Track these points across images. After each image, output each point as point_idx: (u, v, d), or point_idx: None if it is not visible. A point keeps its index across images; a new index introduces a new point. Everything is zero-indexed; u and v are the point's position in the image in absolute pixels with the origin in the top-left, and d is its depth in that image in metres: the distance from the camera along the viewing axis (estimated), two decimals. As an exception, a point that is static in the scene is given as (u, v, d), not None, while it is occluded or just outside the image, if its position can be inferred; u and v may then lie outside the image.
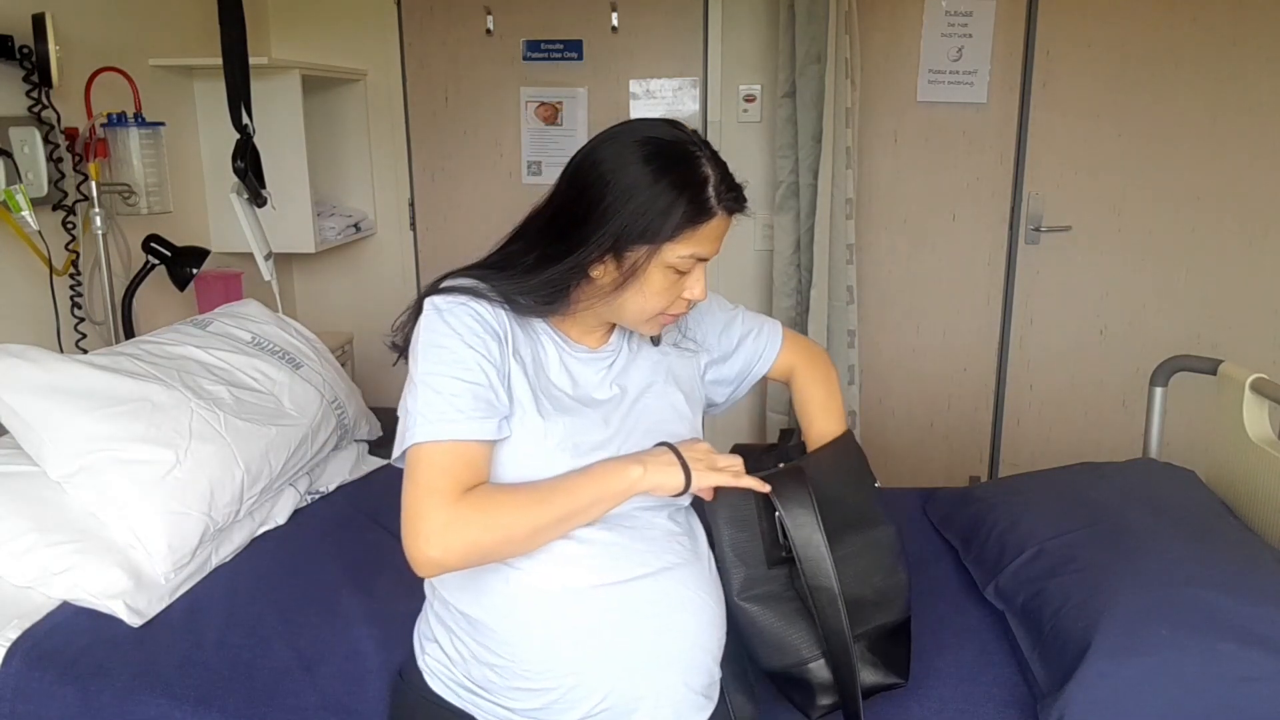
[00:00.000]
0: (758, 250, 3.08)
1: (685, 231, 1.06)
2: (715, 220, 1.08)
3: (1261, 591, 1.31)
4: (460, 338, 1.06)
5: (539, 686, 1.09)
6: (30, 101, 1.96)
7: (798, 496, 1.16)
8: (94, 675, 1.35)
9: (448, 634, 1.16)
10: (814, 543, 1.15)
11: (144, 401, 1.59)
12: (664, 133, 1.09)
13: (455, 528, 1.01)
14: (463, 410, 1.04)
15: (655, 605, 1.11)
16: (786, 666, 1.21)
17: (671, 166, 1.06)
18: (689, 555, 1.17)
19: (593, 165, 1.08)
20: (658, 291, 1.10)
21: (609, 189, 1.05)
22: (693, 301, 1.14)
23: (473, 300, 1.09)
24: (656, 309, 1.12)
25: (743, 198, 1.10)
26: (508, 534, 1.04)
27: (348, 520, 1.81)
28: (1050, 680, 1.29)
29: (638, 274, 1.08)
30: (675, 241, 1.06)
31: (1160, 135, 2.91)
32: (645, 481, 1.08)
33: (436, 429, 1.03)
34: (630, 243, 1.06)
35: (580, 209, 1.07)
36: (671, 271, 1.09)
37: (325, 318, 3.17)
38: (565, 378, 1.16)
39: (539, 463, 1.09)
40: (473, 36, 3.02)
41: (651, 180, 1.05)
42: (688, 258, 1.08)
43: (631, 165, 1.05)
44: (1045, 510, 1.63)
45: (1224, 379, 1.78)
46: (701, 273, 1.12)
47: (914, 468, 3.20)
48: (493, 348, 1.08)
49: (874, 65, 2.90)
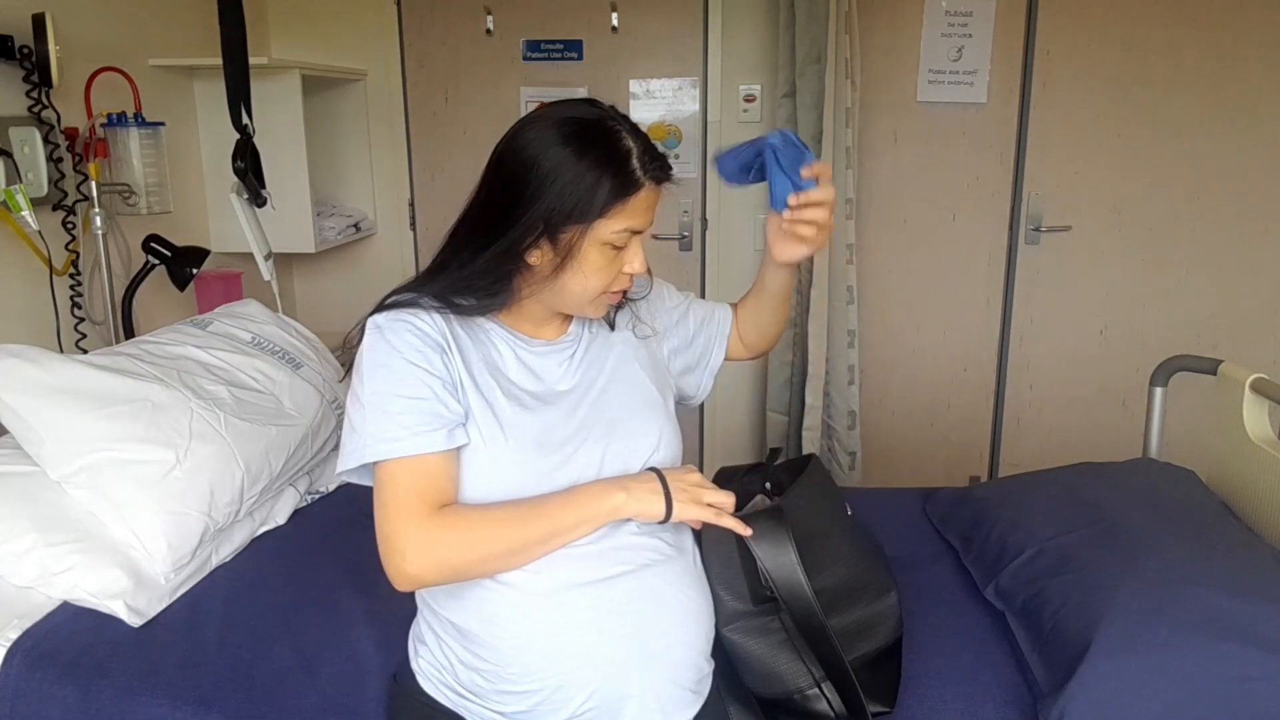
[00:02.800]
0: (758, 250, 3.07)
1: (615, 207, 1.06)
2: (643, 192, 1.08)
3: (1261, 591, 1.31)
4: (400, 355, 1.08)
5: (525, 689, 1.10)
6: (30, 101, 1.96)
7: (776, 538, 1.15)
8: (94, 675, 1.35)
9: (436, 640, 1.17)
10: (796, 583, 1.14)
11: (144, 401, 1.59)
12: (582, 112, 1.09)
13: (430, 546, 1.04)
14: (407, 427, 1.05)
15: (637, 603, 1.11)
16: (778, 696, 1.21)
17: (592, 144, 1.06)
18: (671, 551, 1.17)
19: (515, 153, 1.08)
20: (597, 270, 1.10)
21: (533, 173, 1.05)
22: (634, 275, 1.14)
23: (410, 314, 1.10)
24: (598, 288, 1.12)
25: (668, 166, 1.10)
26: (484, 553, 1.06)
27: (348, 520, 1.81)
28: (1050, 680, 1.29)
29: (574, 255, 1.08)
30: (606, 218, 1.06)
31: (1160, 135, 2.91)
32: (628, 508, 1.10)
33: (386, 448, 1.05)
34: (562, 224, 1.06)
35: (508, 197, 1.07)
36: (608, 248, 1.09)
37: (325, 318, 3.16)
38: (525, 374, 1.15)
39: (506, 465, 1.09)
40: (473, 36, 3.02)
41: (574, 159, 1.05)
42: (621, 232, 1.08)
43: (553, 147, 1.05)
44: (1045, 510, 1.63)
45: (1224, 379, 1.78)
46: (638, 246, 1.12)
47: (914, 468, 3.20)
48: (435, 360, 1.08)
49: (874, 65, 2.90)
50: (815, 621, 1.15)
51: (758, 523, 1.16)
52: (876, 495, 2.12)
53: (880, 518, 1.84)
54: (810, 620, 1.15)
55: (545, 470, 1.10)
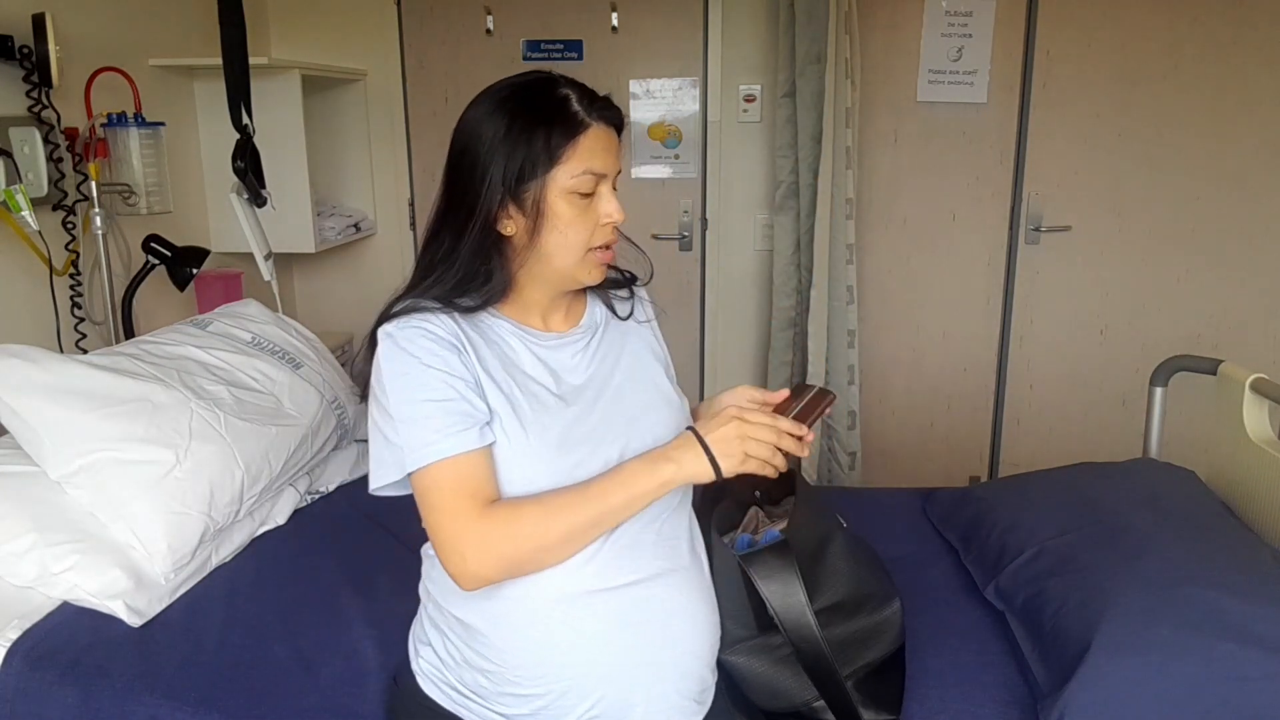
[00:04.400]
0: (758, 250, 3.08)
1: (564, 150, 1.07)
2: (592, 130, 1.08)
3: (1261, 591, 1.31)
4: (419, 360, 1.07)
5: (529, 693, 1.09)
6: (30, 101, 1.96)
7: (784, 578, 1.14)
8: (94, 675, 1.35)
9: (441, 638, 1.16)
10: (805, 624, 1.14)
11: (144, 401, 1.59)
12: (515, 78, 1.11)
13: (488, 542, 1.03)
14: (440, 430, 1.05)
15: (646, 612, 1.11)
16: (785, 710, 1.21)
17: (529, 98, 1.08)
18: (681, 561, 1.16)
19: (462, 131, 1.10)
20: (570, 222, 1.09)
21: (480, 143, 1.07)
22: (615, 223, 1.12)
23: (419, 319, 1.09)
24: (578, 243, 1.11)
25: (612, 106, 1.11)
26: (539, 543, 1.05)
27: (348, 520, 1.81)
28: (1050, 680, 1.29)
29: (543, 211, 1.08)
30: (561, 164, 1.07)
31: (1160, 135, 2.91)
32: (679, 478, 1.08)
33: (425, 453, 1.04)
34: (520, 183, 1.07)
35: (464, 174, 1.09)
36: (575, 197, 1.09)
37: (325, 318, 3.16)
38: (541, 370, 1.15)
39: (530, 463, 1.09)
40: (473, 36, 3.02)
41: (516, 116, 1.06)
42: (582, 176, 1.08)
43: (494, 114, 1.08)
44: (1045, 510, 1.64)
45: (1224, 379, 1.78)
46: (609, 191, 1.11)
47: (914, 468, 3.20)
48: (453, 361, 1.08)
49: (874, 65, 2.90)
50: (824, 664, 1.15)
51: (763, 561, 1.15)
52: (876, 495, 2.12)
53: (880, 518, 1.85)
54: (819, 663, 1.15)
55: (567, 468, 1.09)
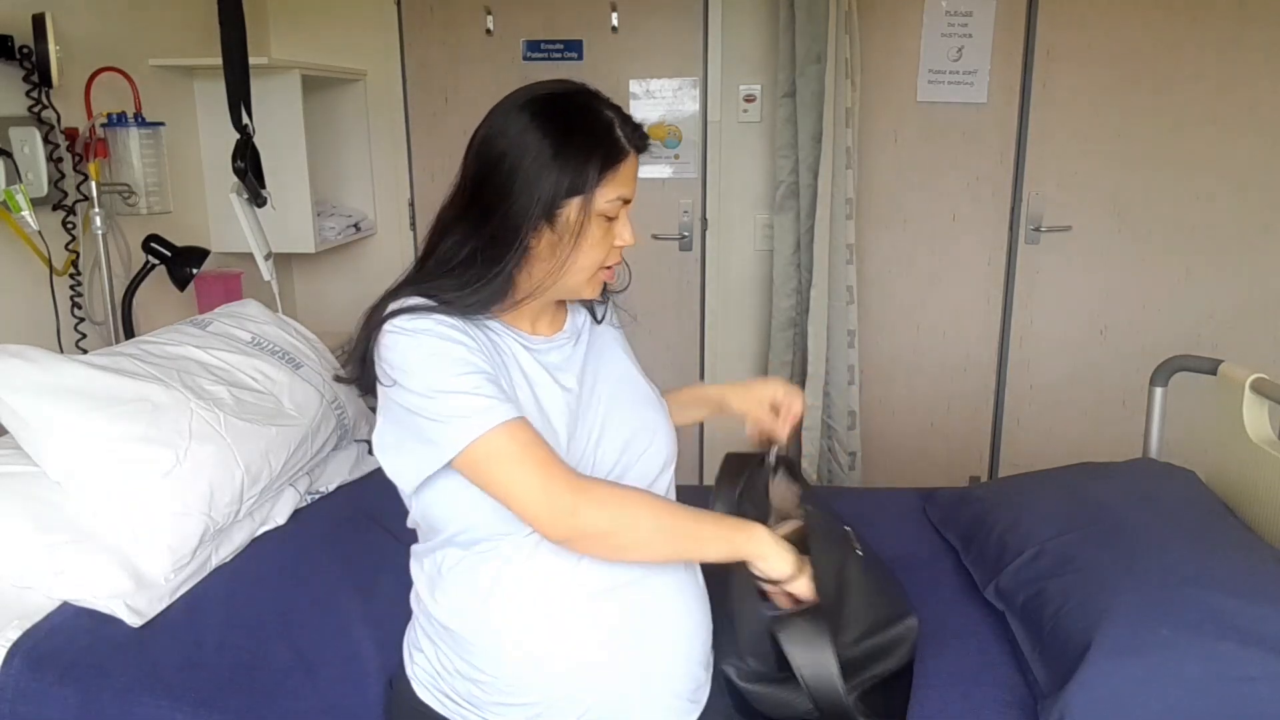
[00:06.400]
0: (758, 250, 3.08)
1: (607, 175, 1.08)
2: (629, 159, 1.11)
3: (1261, 591, 1.31)
4: (443, 339, 1.06)
5: (521, 701, 1.09)
6: (30, 101, 1.96)
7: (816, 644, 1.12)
8: (94, 676, 1.35)
9: (432, 646, 1.16)
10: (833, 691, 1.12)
11: (144, 401, 1.59)
12: (553, 87, 1.12)
13: (593, 494, 1.05)
14: (492, 395, 1.03)
15: (638, 616, 1.11)
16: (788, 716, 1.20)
17: (577, 118, 1.09)
18: (668, 564, 1.16)
19: (502, 137, 1.08)
20: (595, 243, 1.11)
21: (525, 154, 1.06)
22: (624, 247, 1.15)
23: (425, 315, 1.09)
24: (597, 262, 1.13)
25: (645, 135, 1.13)
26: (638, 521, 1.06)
27: (348, 520, 1.81)
28: (1050, 680, 1.29)
29: (574, 230, 1.09)
30: (602, 187, 1.08)
31: (1160, 135, 2.91)
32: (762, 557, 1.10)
33: (478, 421, 1.01)
34: (560, 202, 1.07)
35: (498, 183, 1.07)
36: (603, 220, 1.10)
37: (325, 318, 3.16)
38: (539, 371, 1.15)
39: None
40: (473, 36, 3.02)
41: (566, 135, 1.06)
42: (615, 201, 1.10)
43: (540, 127, 1.06)
44: (1045, 510, 1.63)
45: (1224, 379, 1.78)
46: (626, 216, 1.14)
47: (914, 468, 3.20)
48: (472, 344, 1.08)
49: (874, 65, 2.90)
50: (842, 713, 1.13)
51: (797, 628, 1.13)
52: (876, 495, 2.12)
53: (880, 518, 1.85)
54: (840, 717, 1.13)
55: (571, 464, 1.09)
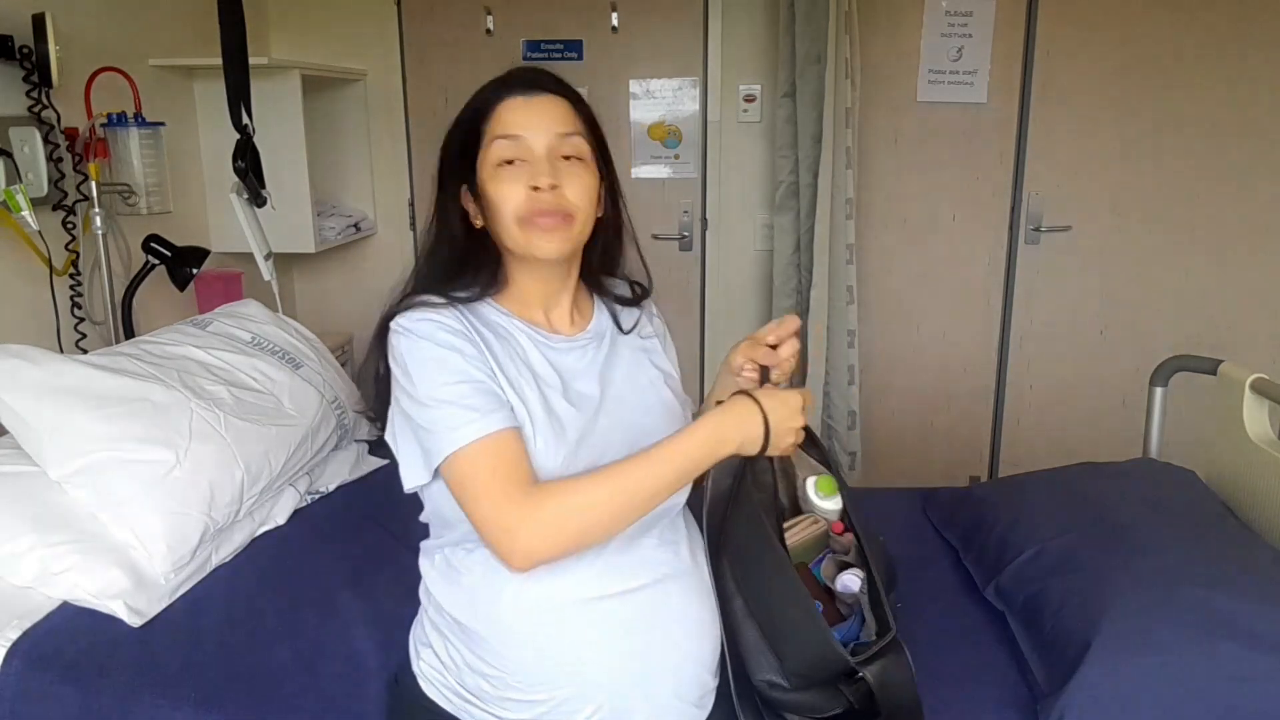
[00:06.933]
0: (758, 250, 3.08)
1: (483, 126, 1.13)
2: (506, 101, 1.13)
3: (1261, 591, 1.31)
4: (439, 345, 1.07)
5: (531, 698, 1.09)
6: (30, 101, 1.96)
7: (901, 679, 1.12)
8: (94, 675, 1.35)
9: (442, 640, 1.16)
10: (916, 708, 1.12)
11: (144, 401, 1.59)
12: None
13: (538, 518, 1.01)
14: (475, 408, 1.04)
15: (647, 618, 1.11)
16: None
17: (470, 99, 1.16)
18: (681, 567, 1.16)
19: None
20: (501, 195, 1.12)
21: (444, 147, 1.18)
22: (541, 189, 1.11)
23: (426, 312, 1.10)
24: (509, 213, 1.12)
25: (532, 71, 1.15)
26: (594, 516, 1.03)
27: (348, 520, 1.81)
28: (1050, 680, 1.29)
29: (482, 193, 1.13)
30: (484, 145, 1.12)
31: (1160, 135, 2.92)
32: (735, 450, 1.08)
33: (465, 433, 1.03)
34: (465, 173, 1.14)
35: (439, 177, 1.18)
36: (499, 169, 1.12)
37: (325, 318, 3.16)
38: (550, 371, 1.15)
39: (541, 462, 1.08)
40: (473, 36, 3.02)
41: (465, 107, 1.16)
42: (496, 142, 1.12)
43: None
44: (1045, 510, 1.64)
45: (1224, 379, 1.78)
46: (536, 158, 1.12)
47: (914, 468, 3.20)
48: (469, 348, 1.09)
49: (874, 65, 2.90)
50: None
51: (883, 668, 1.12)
52: (876, 495, 2.12)
53: (880, 518, 1.84)
54: None
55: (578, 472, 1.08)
